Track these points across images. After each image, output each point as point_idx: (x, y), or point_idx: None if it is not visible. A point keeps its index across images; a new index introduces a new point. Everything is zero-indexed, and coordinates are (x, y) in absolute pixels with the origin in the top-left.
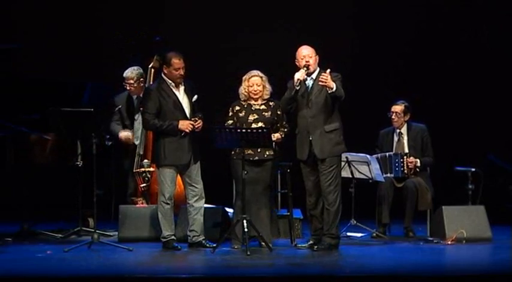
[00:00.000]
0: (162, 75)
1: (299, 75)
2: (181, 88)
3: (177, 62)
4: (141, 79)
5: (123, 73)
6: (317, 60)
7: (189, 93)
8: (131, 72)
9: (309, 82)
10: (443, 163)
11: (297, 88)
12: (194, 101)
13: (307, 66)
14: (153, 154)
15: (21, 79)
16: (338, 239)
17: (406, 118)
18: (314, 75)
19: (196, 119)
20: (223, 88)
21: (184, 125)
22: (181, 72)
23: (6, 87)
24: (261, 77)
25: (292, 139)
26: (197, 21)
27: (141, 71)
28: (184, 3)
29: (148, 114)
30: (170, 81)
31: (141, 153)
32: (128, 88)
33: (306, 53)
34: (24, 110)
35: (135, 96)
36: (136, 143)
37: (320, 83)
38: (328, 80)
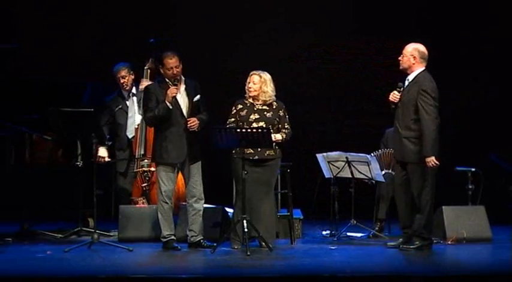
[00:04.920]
0: (163, 74)
1: (391, 96)
2: (182, 87)
3: (169, 61)
4: (131, 72)
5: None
6: (412, 60)
7: (189, 93)
8: (121, 66)
9: (406, 83)
10: (443, 163)
11: (393, 107)
12: (196, 101)
13: (398, 88)
14: (152, 152)
15: (21, 79)
16: (427, 241)
17: None
18: (411, 78)
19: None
20: (228, 87)
21: (169, 93)
22: (174, 71)
23: (6, 87)
24: (260, 77)
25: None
26: (198, 20)
27: (129, 64)
28: (185, 2)
29: (147, 112)
30: (168, 81)
31: (142, 153)
32: (121, 81)
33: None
34: (24, 110)
35: (126, 94)
36: (130, 136)
37: None
38: None
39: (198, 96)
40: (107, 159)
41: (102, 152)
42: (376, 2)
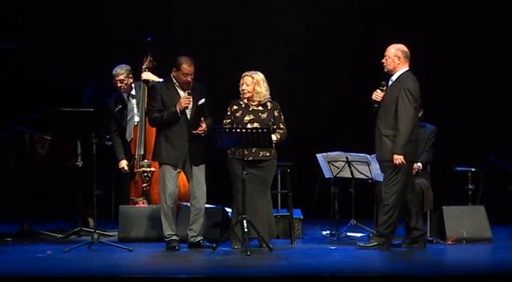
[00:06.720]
0: (171, 74)
1: (374, 95)
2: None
3: (186, 68)
4: (131, 75)
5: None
6: (397, 60)
7: (195, 97)
8: (120, 69)
9: (390, 82)
10: (443, 163)
11: (376, 106)
12: (200, 105)
13: (382, 86)
14: (152, 150)
15: (21, 79)
16: (384, 238)
17: None
18: (394, 77)
19: (203, 123)
20: (227, 87)
21: (182, 103)
22: (189, 78)
23: (6, 87)
24: (253, 78)
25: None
26: (198, 20)
27: (129, 67)
28: (185, 2)
29: (152, 112)
30: (177, 83)
31: (142, 153)
32: (118, 85)
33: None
34: (24, 110)
35: (125, 95)
36: (128, 139)
37: None
38: None
39: (202, 100)
40: (126, 168)
41: (123, 163)
42: (377, 2)
